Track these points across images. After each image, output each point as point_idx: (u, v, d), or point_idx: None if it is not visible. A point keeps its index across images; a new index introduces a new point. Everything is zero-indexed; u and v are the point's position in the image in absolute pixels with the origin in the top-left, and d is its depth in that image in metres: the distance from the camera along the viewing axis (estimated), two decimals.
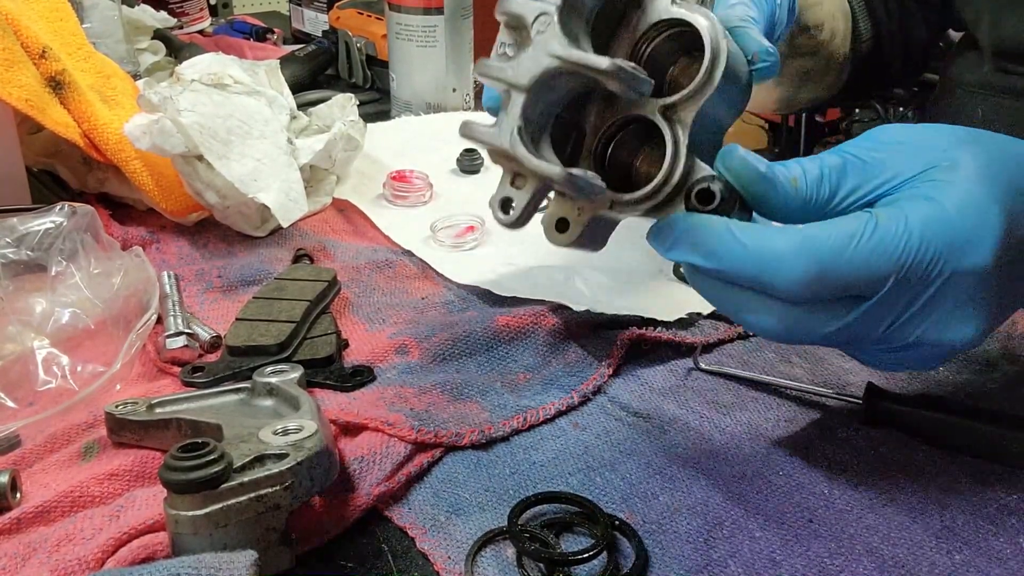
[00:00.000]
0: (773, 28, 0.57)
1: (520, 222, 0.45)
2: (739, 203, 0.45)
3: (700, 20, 0.45)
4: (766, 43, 0.50)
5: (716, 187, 0.44)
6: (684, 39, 0.48)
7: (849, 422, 0.54)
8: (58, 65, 0.74)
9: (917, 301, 0.43)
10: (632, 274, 0.70)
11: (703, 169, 0.45)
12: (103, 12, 1.06)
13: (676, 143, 0.45)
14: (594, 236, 0.47)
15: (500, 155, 0.44)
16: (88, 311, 0.59)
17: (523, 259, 0.73)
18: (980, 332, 0.44)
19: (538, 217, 0.47)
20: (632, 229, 0.66)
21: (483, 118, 1.15)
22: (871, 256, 0.42)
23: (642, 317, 0.62)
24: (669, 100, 0.46)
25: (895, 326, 0.43)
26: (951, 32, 0.99)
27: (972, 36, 0.82)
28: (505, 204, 0.45)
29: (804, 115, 2.20)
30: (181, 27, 1.36)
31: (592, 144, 0.48)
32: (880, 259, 0.42)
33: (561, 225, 0.47)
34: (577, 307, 0.60)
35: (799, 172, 0.44)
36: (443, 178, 0.90)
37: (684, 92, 0.45)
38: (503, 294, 0.65)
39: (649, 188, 0.45)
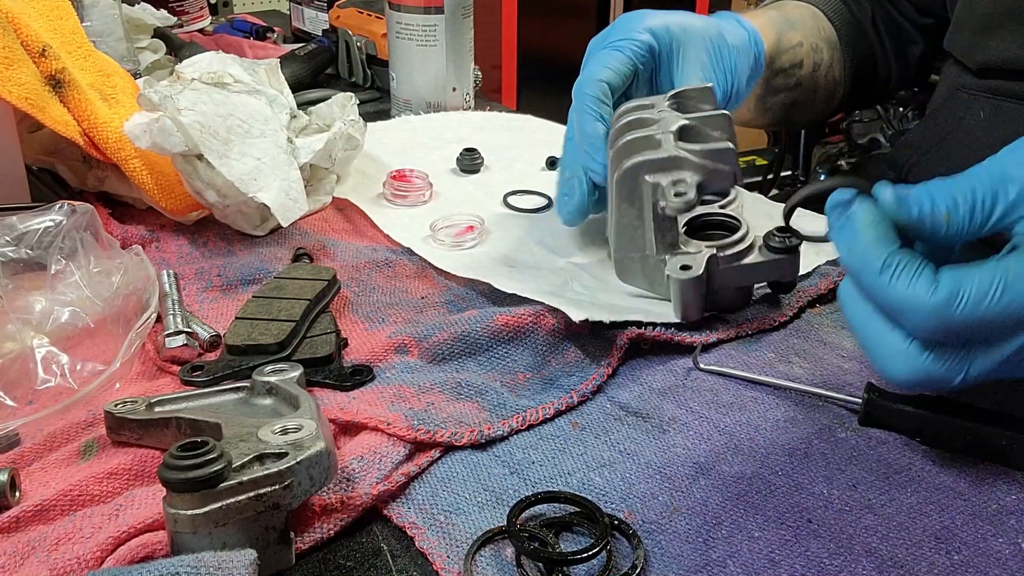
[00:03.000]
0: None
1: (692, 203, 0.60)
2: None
3: None
4: None
5: (786, 239, 0.61)
6: None
7: (848, 422, 0.54)
8: (58, 63, 0.74)
9: None
10: None
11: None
12: (103, 10, 1.07)
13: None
14: (701, 286, 0.60)
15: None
16: (88, 310, 0.59)
17: (522, 259, 0.73)
18: None
19: None
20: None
21: (483, 116, 1.15)
22: (1004, 311, 0.43)
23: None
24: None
25: None
26: None
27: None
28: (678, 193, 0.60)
29: None
30: (181, 26, 1.37)
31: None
32: (1011, 314, 0.43)
33: (684, 268, 0.60)
34: (576, 318, 0.60)
35: (952, 207, 0.45)
36: (443, 177, 0.90)
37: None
38: (505, 290, 0.65)
39: (739, 234, 0.62)
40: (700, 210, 0.66)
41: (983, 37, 0.78)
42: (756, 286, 0.66)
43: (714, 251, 0.61)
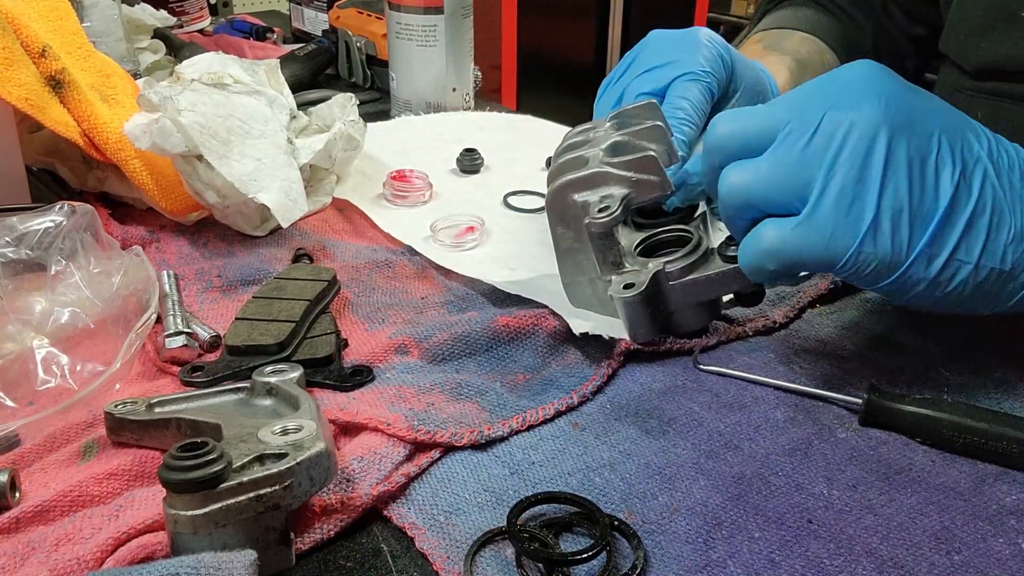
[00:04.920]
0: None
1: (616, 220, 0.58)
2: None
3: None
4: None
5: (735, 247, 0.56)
6: None
7: (849, 422, 0.54)
8: (58, 64, 0.74)
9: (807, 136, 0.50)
10: None
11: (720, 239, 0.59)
12: (103, 11, 1.07)
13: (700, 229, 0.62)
14: (648, 304, 0.57)
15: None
16: (88, 310, 0.59)
17: (523, 260, 0.73)
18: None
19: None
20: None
21: (483, 116, 1.15)
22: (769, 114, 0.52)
23: None
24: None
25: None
26: None
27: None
28: (603, 209, 0.58)
29: None
30: (181, 26, 1.37)
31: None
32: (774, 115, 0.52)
33: (628, 286, 0.57)
34: (577, 331, 0.59)
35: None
36: (443, 178, 0.90)
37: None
38: (510, 291, 0.65)
39: (690, 246, 0.58)
40: (655, 228, 0.63)
41: (976, 39, 0.78)
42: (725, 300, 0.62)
43: (661, 267, 0.57)
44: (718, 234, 0.64)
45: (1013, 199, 0.51)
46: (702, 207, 0.65)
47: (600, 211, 0.58)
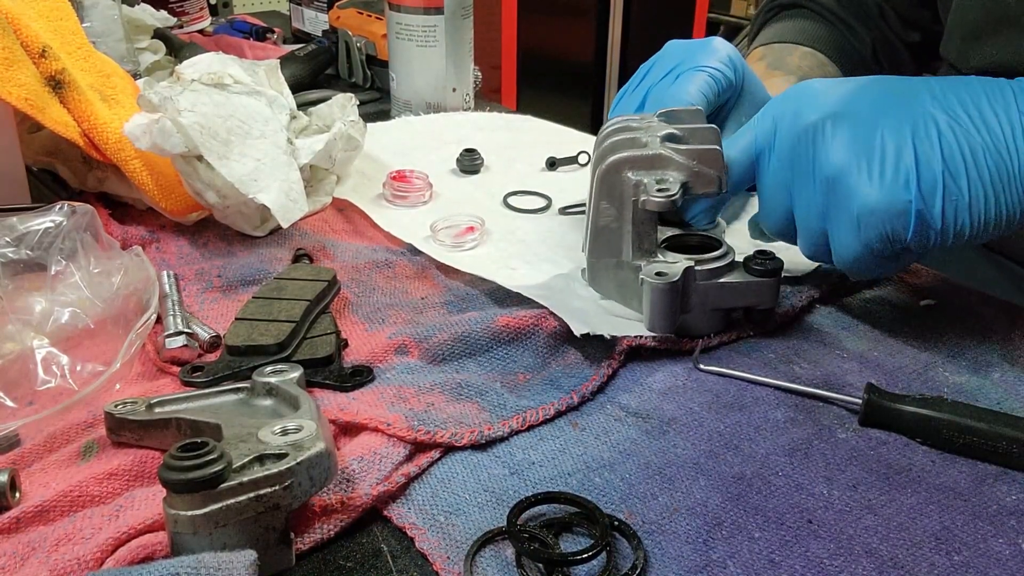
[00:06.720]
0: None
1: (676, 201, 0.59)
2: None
3: None
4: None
5: (767, 261, 0.61)
6: None
7: (848, 422, 0.54)
8: (58, 64, 0.74)
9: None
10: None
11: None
12: (103, 11, 1.07)
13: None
14: (674, 297, 0.58)
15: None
16: (88, 310, 0.59)
17: (523, 260, 0.73)
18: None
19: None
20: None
21: (483, 117, 1.15)
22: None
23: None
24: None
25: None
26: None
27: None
28: (661, 190, 0.60)
29: None
30: (181, 26, 1.37)
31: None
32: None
33: (660, 274, 0.58)
34: (577, 332, 0.59)
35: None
36: (443, 178, 0.90)
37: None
38: (512, 288, 0.65)
39: (720, 252, 0.61)
40: (681, 230, 0.64)
41: (975, 43, 0.79)
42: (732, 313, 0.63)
43: (692, 264, 0.59)
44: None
45: (978, 121, 0.55)
46: (720, 223, 0.66)
47: (659, 191, 0.59)
